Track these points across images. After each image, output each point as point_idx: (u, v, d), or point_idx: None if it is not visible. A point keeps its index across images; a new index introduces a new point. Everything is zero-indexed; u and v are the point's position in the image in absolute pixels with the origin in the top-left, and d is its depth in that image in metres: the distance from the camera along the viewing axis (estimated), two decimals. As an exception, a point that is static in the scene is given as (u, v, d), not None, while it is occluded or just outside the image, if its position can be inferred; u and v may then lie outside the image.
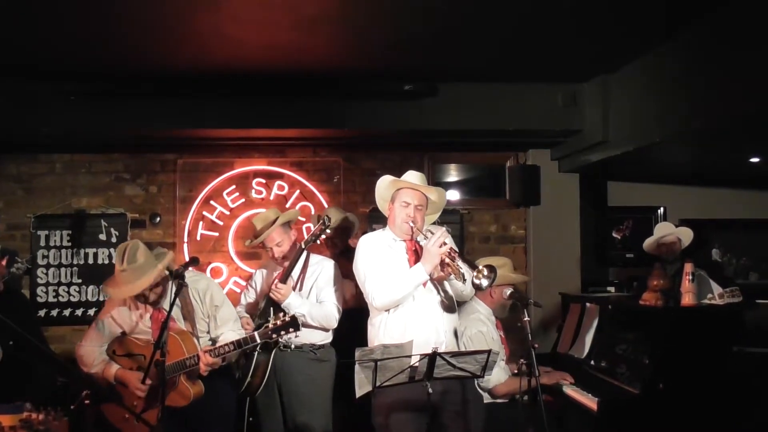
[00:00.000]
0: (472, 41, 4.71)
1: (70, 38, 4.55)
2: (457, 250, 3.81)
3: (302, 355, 4.36)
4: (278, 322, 3.76)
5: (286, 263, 4.39)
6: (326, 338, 4.43)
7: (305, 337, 4.33)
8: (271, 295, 4.31)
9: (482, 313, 4.51)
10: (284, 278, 4.32)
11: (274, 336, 3.76)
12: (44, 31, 4.43)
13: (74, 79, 5.31)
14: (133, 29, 4.39)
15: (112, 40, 4.59)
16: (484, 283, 3.56)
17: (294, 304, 4.25)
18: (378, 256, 3.86)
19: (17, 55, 4.87)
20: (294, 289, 4.39)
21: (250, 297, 4.69)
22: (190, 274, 3.97)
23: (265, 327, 3.80)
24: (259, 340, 3.78)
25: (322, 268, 4.50)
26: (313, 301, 4.38)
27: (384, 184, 4.00)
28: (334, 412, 4.46)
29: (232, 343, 3.78)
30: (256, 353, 4.32)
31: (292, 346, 4.34)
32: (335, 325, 4.39)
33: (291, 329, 3.75)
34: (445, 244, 3.67)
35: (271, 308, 4.31)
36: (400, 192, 3.91)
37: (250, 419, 4.56)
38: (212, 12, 4.13)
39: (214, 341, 4.00)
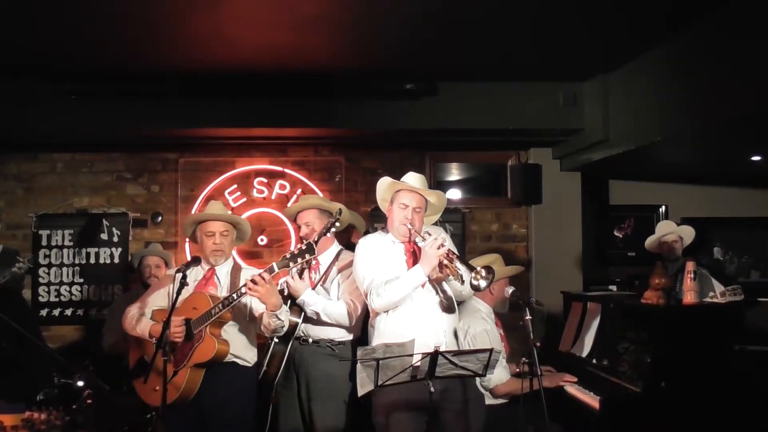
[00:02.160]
0: (473, 40, 4.71)
1: (71, 38, 4.55)
2: (455, 251, 3.81)
3: (319, 350, 4.31)
4: (295, 251, 3.78)
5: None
6: (345, 335, 4.35)
7: (323, 332, 4.31)
8: (289, 288, 4.30)
9: (483, 311, 4.51)
10: (300, 272, 4.30)
11: (291, 264, 3.78)
12: (45, 31, 4.43)
13: (75, 79, 5.32)
14: (134, 29, 4.40)
15: (113, 39, 4.59)
16: (483, 284, 3.58)
17: (309, 300, 4.20)
18: (376, 257, 3.87)
19: (18, 55, 4.88)
20: (321, 282, 4.36)
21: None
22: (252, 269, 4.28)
23: (284, 257, 3.81)
24: (276, 269, 3.80)
25: (349, 264, 4.44)
26: (333, 298, 4.33)
27: (383, 186, 4.01)
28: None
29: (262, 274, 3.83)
30: (272, 343, 4.31)
31: (310, 340, 4.32)
32: (347, 324, 4.29)
33: (306, 255, 3.76)
34: (443, 245, 3.67)
35: (288, 300, 4.29)
36: (399, 194, 3.92)
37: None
38: (212, 12, 4.13)
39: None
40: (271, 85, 5.42)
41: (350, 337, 4.38)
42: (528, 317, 3.68)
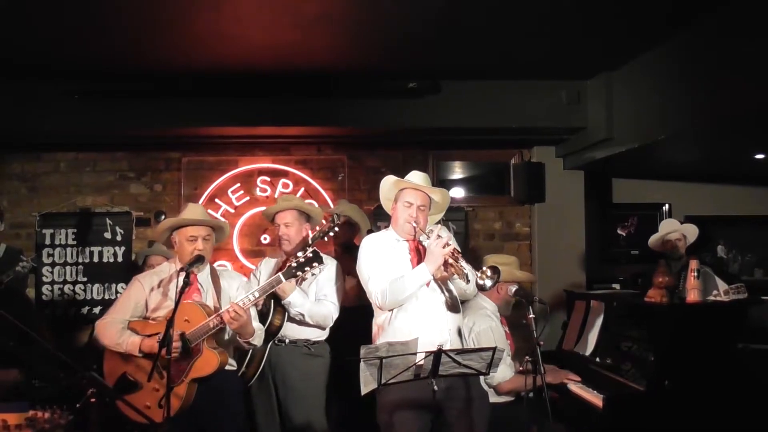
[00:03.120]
0: (475, 39, 4.70)
1: (73, 38, 4.56)
2: (459, 249, 3.80)
3: (296, 350, 4.35)
4: (301, 259, 3.72)
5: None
6: (321, 335, 4.42)
7: (300, 332, 4.35)
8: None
9: (488, 308, 4.50)
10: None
11: (299, 273, 3.72)
12: (47, 31, 4.44)
13: (78, 79, 5.34)
14: (136, 29, 4.41)
15: (115, 39, 4.60)
16: (488, 283, 3.57)
17: (296, 302, 4.21)
18: (381, 256, 3.87)
19: (20, 55, 4.89)
20: (297, 284, 4.34)
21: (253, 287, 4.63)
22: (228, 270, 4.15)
23: (289, 266, 3.76)
24: (284, 280, 3.74)
25: (324, 266, 4.47)
26: (313, 299, 4.36)
27: (387, 184, 4.00)
28: (333, 409, 4.47)
29: (257, 290, 3.76)
30: None
31: (287, 341, 4.34)
32: (328, 325, 4.39)
33: (315, 264, 3.70)
34: (448, 244, 3.67)
35: (272, 301, 4.29)
36: (403, 192, 3.91)
37: None
38: (215, 12, 4.14)
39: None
40: (274, 85, 5.42)
41: (325, 336, 4.44)
42: (531, 316, 3.68)
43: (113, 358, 3.95)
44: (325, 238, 4.36)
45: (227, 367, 3.97)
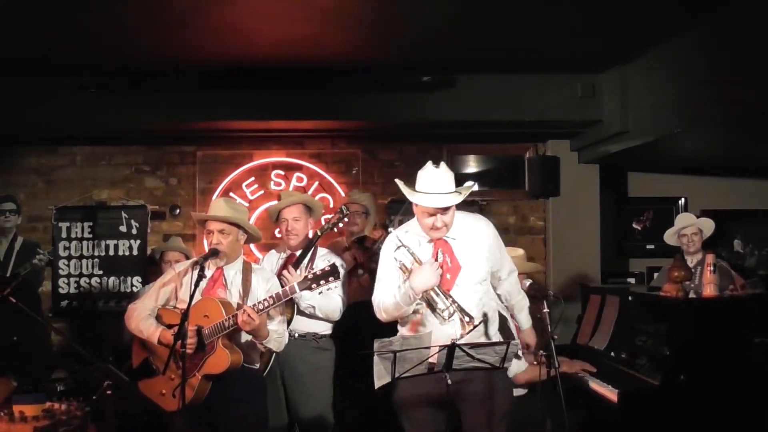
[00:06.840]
0: (489, 33, 4.68)
1: (87, 32, 4.58)
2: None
3: (305, 344, 4.38)
4: (318, 271, 3.71)
5: (298, 252, 4.42)
6: (328, 328, 4.46)
7: (309, 326, 4.38)
8: (282, 281, 4.23)
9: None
10: (296, 266, 4.30)
11: (314, 286, 3.70)
12: (63, 26, 4.46)
13: (93, 73, 5.36)
14: (151, 23, 4.42)
15: (130, 34, 4.62)
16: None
17: (306, 295, 4.15)
18: (393, 262, 3.76)
19: (35, 50, 4.92)
20: None
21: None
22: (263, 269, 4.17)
23: (305, 277, 3.73)
24: (298, 291, 3.72)
25: (328, 261, 4.35)
26: (318, 292, 4.27)
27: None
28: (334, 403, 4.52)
29: (271, 297, 3.72)
30: None
31: (296, 335, 4.35)
32: (337, 318, 4.39)
33: (331, 278, 3.69)
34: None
35: None
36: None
37: None
38: (229, 5, 4.14)
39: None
40: (288, 78, 5.43)
41: (331, 330, 4.48)
42: (546, 310, 3.66)
43: (140, 341, 3.99)
44: (335, 229, 4.37)
45: (247, 366, 3.94)
